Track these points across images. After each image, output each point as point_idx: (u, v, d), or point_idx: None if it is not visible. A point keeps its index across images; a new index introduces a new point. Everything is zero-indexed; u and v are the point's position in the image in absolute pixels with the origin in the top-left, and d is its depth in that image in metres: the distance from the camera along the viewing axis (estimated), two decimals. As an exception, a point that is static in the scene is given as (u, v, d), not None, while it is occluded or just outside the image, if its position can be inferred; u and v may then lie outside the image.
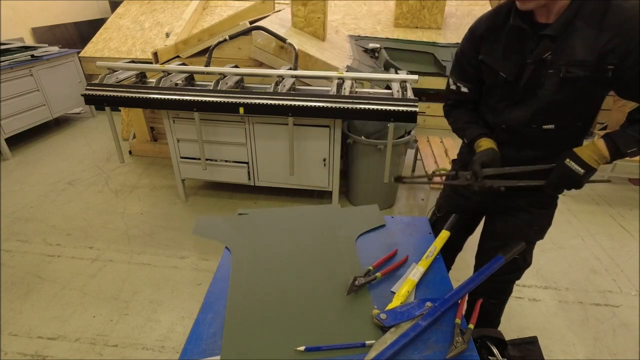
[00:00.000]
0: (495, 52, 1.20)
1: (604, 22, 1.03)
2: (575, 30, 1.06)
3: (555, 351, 1.93)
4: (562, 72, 1.08)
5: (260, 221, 1.43)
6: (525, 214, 1.37)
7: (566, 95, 1.12)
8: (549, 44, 1.09)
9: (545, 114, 1.18)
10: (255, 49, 3.13)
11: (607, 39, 1.03)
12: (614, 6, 1.04)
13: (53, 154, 4.00)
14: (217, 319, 1.02)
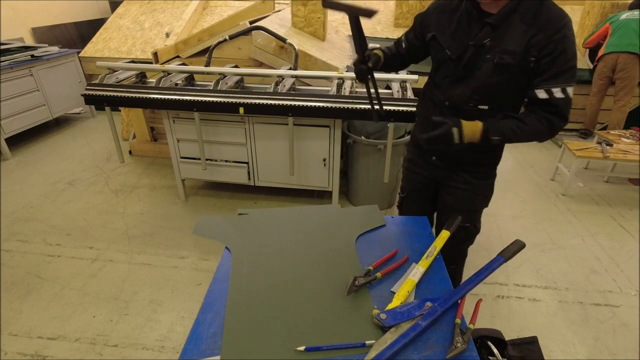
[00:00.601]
0: (446, 31, 1.35)
1: (534, 20, 1.20)
2: (512, 24, 1.22)
3: (555, 351, 1.93)
4: (496, 59, 1.24)
5: (260, 221, 1.43)
6: (469, 186, 1.54)
7: (498, 80, 1.28)
8: (490, 32, 1.25)
9: (481, 95, 1.33)
10: (255, 49, 3.13)
11: (532, 34, 1.19)
12: (544, 7, 1.21)
13: (53, 154, 4.00)
14: (217, 319, 1.02)
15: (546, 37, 1.18)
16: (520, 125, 1.27)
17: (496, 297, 2.25)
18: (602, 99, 4.20)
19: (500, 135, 1.27)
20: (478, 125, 1.27)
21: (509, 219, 3.01)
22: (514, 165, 3.92)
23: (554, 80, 1.21)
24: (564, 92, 1.21)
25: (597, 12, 4.37)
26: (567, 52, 1.19)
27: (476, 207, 1.61)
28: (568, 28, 1.18)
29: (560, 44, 1.18)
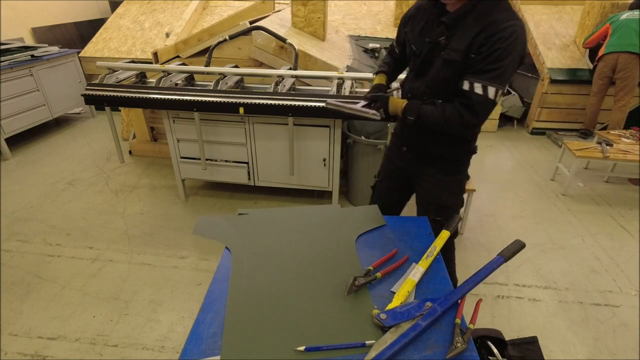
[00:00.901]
0: (416, 28, 1.44)
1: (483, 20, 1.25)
2: (467, 24, 1.27)
3: (555, 351, 1.93)
4: (445, 55, 1.32)
5: (260, 221, 1.43)
6: (436, 180, 1.60)
7: (445, 75, 1.35)
8: (445, 30, 1.32)
9: (431, 89, 1.42)
10: (255, 49, 3.13)
11: (476, 33, 1.25)
12: (497, 9, 1.25)
13: (53, 154, 4.00)
14: (217, 319, 1.02)
15: (485, 37, 1.23)
16: (436, 110, 1.37)
17: (496, 297, 2.25)
18: (602, 99, 4.20)
19: (415, 115, 1.40)
20: (402, 103, 1.43)
21: (509, 219, 3.01)
22: (514, 165, 3.92)
23: (478, 76, 1.26)
24: (484, 89, 1.26)
25: (597, 12, 4.37)
26: (500, 53, 1.22)
27: (444, 202, 1.64)
28: (511, 31, 1.21)
29: (495, 44, 1.22)
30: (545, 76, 4.45)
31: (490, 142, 4.47)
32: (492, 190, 3.42)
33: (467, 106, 1.30)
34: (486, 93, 1.25)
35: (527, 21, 5.03)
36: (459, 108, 1.32)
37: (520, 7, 5.24)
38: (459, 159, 1.61)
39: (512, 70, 1.26)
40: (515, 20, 1.23)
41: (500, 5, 1.26)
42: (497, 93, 1.26)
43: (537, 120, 4.65)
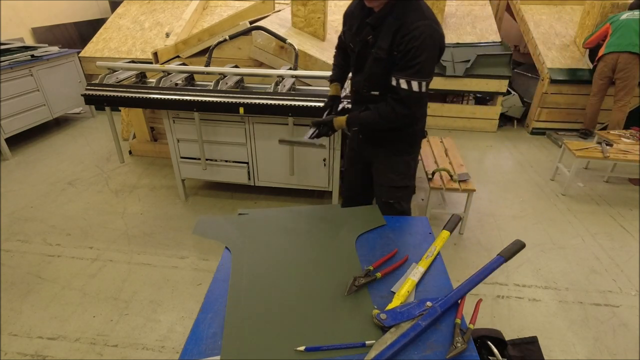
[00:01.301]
0: (352, 28, 1.55)
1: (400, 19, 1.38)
2: (387, 25, 1.41)
3: (555, 351, 1.93)
4: (374, 54, 1.46)
5: (260, 221, 1.43)
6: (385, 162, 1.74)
7: (377, 71, 1.49)
8: (370, 30, 1.46)
9: (369, 83, 1.56)
10: (255, 49, 3.13)
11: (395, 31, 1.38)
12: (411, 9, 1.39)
13: (53, 154, 4.00)
14: (217, 319, 1.02)
15: (401, 36, 1.38)
16: (373, 113, 1.54)
17: (496, 297, 2.25)
18: (602, 99, 4.20)
19: (358, 124, 1.60)
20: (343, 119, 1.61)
21: (509, 219, 3.01)
22: (514, 165, 3.92)
23: (402, 72, 1.42)
24: (408, 84, 1.41)
25: (597, 12, 4.37)
26: (415, 51, 1.37)
27: (394, 182, 1.76)
28: (421, 31, 1.35)
29: (410, 43, 1.36)
30: (545, 76, 4.45)
31: (490, 142, 4.47)
32: (492, 190, 3.42)
33: (397, 100, 1.46)
34: (410, 87, 1.41)
35: (527, 21, 5.04)
36: (391, 103, 1.48)
37: (521, 7, 5.25)
38: (403, 139, 1.71)
39: (431, 63, 1.43)
40: (424, 20, 1.37)
41: (411, 6, 1.40)
42: (420, 85, 1.41)
43: (537, 120, 4.65)
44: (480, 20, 5.18)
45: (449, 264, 2.44)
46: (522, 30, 5.23)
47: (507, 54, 4.45)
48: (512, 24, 6.17)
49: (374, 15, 1.43)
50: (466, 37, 4.88)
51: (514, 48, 6.38)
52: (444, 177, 2.75)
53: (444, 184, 2.65)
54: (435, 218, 2.95)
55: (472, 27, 5.07)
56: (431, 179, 2.72)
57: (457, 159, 3.05)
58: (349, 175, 2.01)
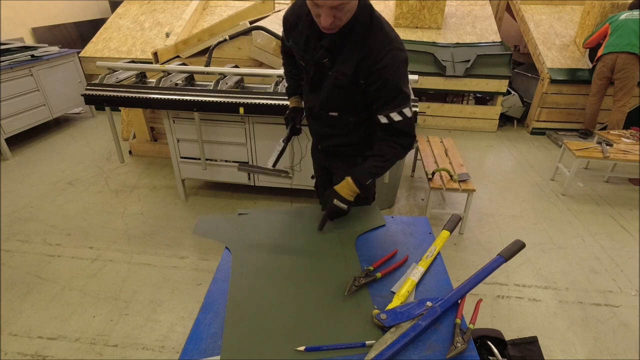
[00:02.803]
0: (300, 42, 1.37)
1: (362, 46, 1.23)
2: (347, 45, 1.25)
3: (555, 351, 1.93)
4: (333, 79, 1.31)
5: (260, 221, 1.43)
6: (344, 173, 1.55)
7: (338, 95, 1.36)
8: (326, 53, 1.28)
9: (327, 105, 1.42)
10: (255, 49, 3.13)
11: (359, 60, 1.24)
12: (371, 33, 1.23)
13: (53, 154, 4.00)
14: (217, 319, 1.02)
15: (368, 66, 1.23)
16: (379, 159, 1.37)
17: (496, 297, 2.25)
18: (601, 99, 4.20)
19: (369, 176, 1.38)
20: (349, 181, 1.37)
21: (509, 219, 3.01)
22: (514, 165, 3.92)
23: (388, 107, 1.28)
24: (401, 114, 1.29)
25: (597, 12, 4.38)
26: (391, 81, 1.23)
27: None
28: (390, 59, 1.21)
29: (382, 73, 1.22)
30: (545, 76, 4.45)
31: (490, 142, 4.47)
32: (492, 190, 3.42)
33: (397, 134, 1.34)
34: (404, 115, 1.30)
35: (527, 21, 5.04)
36: (394, 140, 1.35)
37: (521, 7, 5.25)
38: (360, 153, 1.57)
39: (408, 85, 1.31)
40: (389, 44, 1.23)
41: (372, 27, 1.24)
42: (410, 109, 1.30)
43: (537, 120, 4.65)
44: (480, 20, 5.18)
45: (449, 264, 2.45)
46: (522, 30, 5.23)
47: (507, 54, 4.45)
48: (512, 24, 6.17)
49: (332, 39, 1.25)
50: (466, 37, 4.88)
51: (514, 48, 6.39)
52: (444, 177, 2.75)
53: (444, 184, 2.65)
54: (435, 218, 2.95)
55: (472, 27, 5.07)
56: (431, 179, 2.72)
57: (457, 159, 3.05)
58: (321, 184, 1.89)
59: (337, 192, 1.37)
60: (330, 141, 1.55)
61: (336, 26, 1.19)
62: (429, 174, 2.77)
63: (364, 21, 1.23)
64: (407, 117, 1.30)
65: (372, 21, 1.24)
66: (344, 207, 1.37)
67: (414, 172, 3.67)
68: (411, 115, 1.31)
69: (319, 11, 1.14)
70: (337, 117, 1.44)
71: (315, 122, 1.57)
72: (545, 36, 4.87)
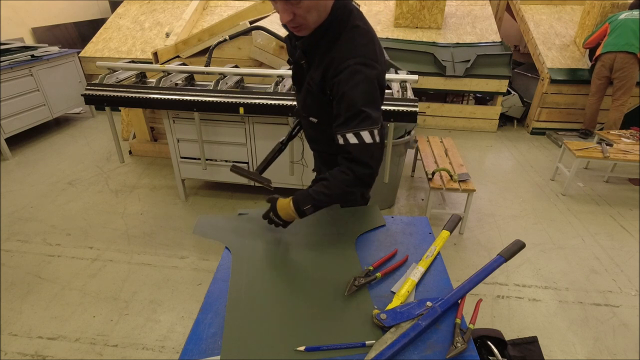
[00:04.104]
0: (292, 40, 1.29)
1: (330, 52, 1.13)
2: (320, 50, 1.17)
3: (555, 351, 1.93)
4: (306, 84, 1.24)
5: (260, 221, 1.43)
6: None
7: (311, 102, 1.28)
8: (302, 55, 1.21)
9: (307, 109, 1.34)
10: (255, 49, 3.13)
11: (324, 68, 1.15)
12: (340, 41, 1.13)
13: (53, 154, 4.00)
14: (217, 319, 1.02)
15: (331, 77, 1.13)
16: (326, 184, 1.19)
17: (496, 297, 2.25)
18: (601, 98, 4.20)
19: (310, 202, 1.19)
20: (287, 201, 1.24)
21: (509, 219, 3.01)
22: (514, 165, 3.92)
23: (345, 126, 1.12)
24: (357, 137, 1.11)
25: (597, 12, 4.38)
26: (349, 97, 1.10)
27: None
28: (350, 70, 1.09)
29: (340, 87, 1.11)
30: (545, 76, 4.46)
31: (490, 142, 4.47)
32: (492, 190, 3.42)
33: (352, 160, 1.14)
34: (362, 140, 1.11)
35: (527, 21, 5.04)
36: (347, 165, 1.15)
37: (521, 7, 5.25)
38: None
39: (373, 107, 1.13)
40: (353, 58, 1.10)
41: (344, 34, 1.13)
42: (372, 135, 1.12)
43: (537, 120, 4.65)
44: (480, 20, 5.18)
45: (449, 264, 2.45)
46: (522, 30, 5.23)
47: (507, 54, 4.45)
48: (512, 24, 6.17)
49: (304, 41, 1.17)
50: (466, 37, 4.88)
51: (514, 48, 6.38)
52: (444, 177, 2.75)
53: (444, 184, 2.65)
54: (435, 218, 2.95)
55: (472, 27, 5.07)
56: (431, 179, 2.72)
57: (457, 159, 3.05)
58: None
59: (276, 206, 1.25)
60: (317, 145, 1.51)
61: (300, 25, 1.10)
62: (429, 174, 2.77)
63: (337, 27, 1.13)
64: (364, 141, 1.11)
65: (344, 28, 1.13)
66: (280, 223, 1.26)
67: (414, 172, 3.67)
68: (371, 142, 1.11)
69: (276, 6, 1.06)
70: (317, 124, 1.35)
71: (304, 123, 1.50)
72: (545, 36, 4.87)
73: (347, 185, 1.17)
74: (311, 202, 1.20)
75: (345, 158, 1.16)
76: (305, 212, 1.21)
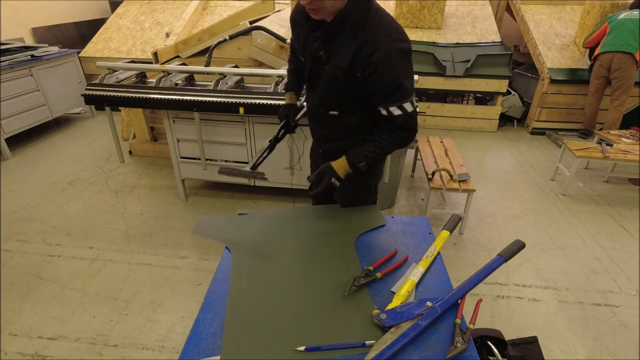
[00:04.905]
0: (300, 37, 1.36)
1: (359, 35, 1.18)
2: (341, 37, 1.21)
3: (555, 351, 1.93)
4: (330, 73, 1.27)
5: (260, 221, 1.43)
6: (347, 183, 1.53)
7: (335, 91, 1.32)
8: (322, 45, 1.25)
9: (326, 102, 1.38)
10: (255, 49, 3.13)
11: (356, 50, 1.19)
12: (369, 22, 1.18)
13: (53, 154, 4.00)
14: (217, 319, 1.02)
15: (366, 57, 1.18)
16: (377, 145, 1.34)
17: (496, 297, 2.25)
18: (600, 98, 4.20)
19: (364, 159, 1.35)
20: (344, 160, 1.36)
21: (509, 219, 3.01)
22: (514, 165, 3.92)
23: (387, 101, 1.24)
24: (400, 108, 1.24)
25: (597, 12, 4.38)
26: (388, 74, 1.19)
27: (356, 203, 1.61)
28: (384, 52, 1.15)
29: (378, 66, 1.17)
30: (545, 76, 4.46)
31: (490, 142, 4.47)
32: (492, 190, 3.42)
33: (397, 128, 1.31)
34: (404, 110, 1.25)
35: (527, 21, 5.04)
36: (394, 130, 1.32)
37: (521, 7, 5.25)
38: None
39: (410, 79, 1.24)
40: (386, 36, 1.17)
41: (368, 17, 1.18)
42: (412, 104, 1.26)
43: (537, 120, 4.65)
44: (480, 20, 5.18)
45: (449, 264, 2.45)
46: (522, 30, 5.23)
47: (507, 54, 4.45)
48: (512, 24, 6.17)
49: (325, 29, 1.22)
50: (466, 37, 4.88)
51: (514, 48, 6.38)
52: (444, 177, 2.75)
53: (444, 184, 2.65)
54: (435, 218, 2.95)
55: (472, 27, 5.07)
56: (431, 179, 2.72)
57: (457, 159, 3.05)
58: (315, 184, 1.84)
59: (333, 168, 1.37)
60: (330, 145, 1.51)
61: (318, 8, 1.14)
62: (429, 174, 2.77)
63: (360, 11, 1.17)
64: (406, 111, 1.25)
65: (369, 11, 1.19)
66: (337, 183, 1.38)
67: (414, 172, 3.67)
68: (412, 110, 1.26)
69: None
70: (337, 117, 1.40)
71: (315, 124, 1.53)
72: (545, 36, 4.87)
73: (394, 146, 1.36)
74: (364, 160, 1.35)
75: (390, 127, 1.32)
76: (360, 168, 1.36)
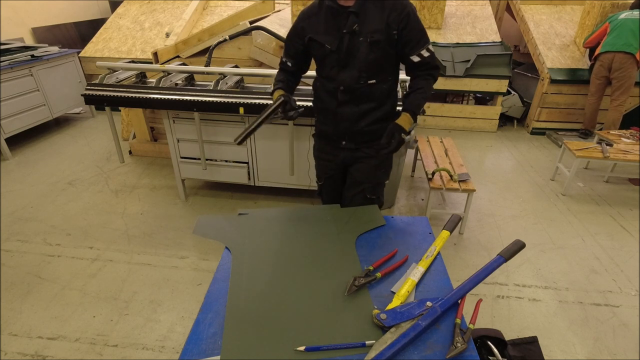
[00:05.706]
0: (319, 30, 1.57)
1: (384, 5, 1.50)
2: (369, 8, 1.50)
3: (555, 351, 1.93)
4: (368, 38, 1.50)
5: (260, 221, 1.43)
6: (372, 160, 1.75)
7: (375, 55, 1.54)
8: (355, 19, 1.50)
9: (366, 72, 1.57)
10: (255, 49, 3.13)
11: (387, 14, 1.49)
12: None
13: (53, 154, 4.00)
14: (217, 319, 1.02)
15: (397, 16, 1.49)
16: (421, 91, 1.60)
17: (496, 297, 2.25)
18: (600, 98, 4.20)
19: (418, 107, 1.61)
20: (407, 114, 1.58)
21: (509, 219, 3.01)
22: (514, 165, 3.92)
23: (418, 47, 1.55)
24: (428, 50, 1.56)
25: (597, 12, 4.38)
26: (416, 25, 1.52)
27: (379, 178, 1.82)
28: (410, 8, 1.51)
29: (409, 19, 1.50)
30: (545, 76, 4.46)
31: (490, 142, 4.47)
32: (492, 190, 3.42)
33: (430, 68, 1.60)
34: (430, 51, 1.57)
35: (527, 21, 5.04)
36: (428, 73, 1.60)
37: (521, 7, 5.25)
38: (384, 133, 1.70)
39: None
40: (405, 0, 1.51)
41: None
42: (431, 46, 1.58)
43: (537, 120, 4.65)
44: (480, 20, 5.18)
45: (449, 264, 2.45)
46: (522, 30, 5.23)
47: (507, 54, 4.45)
48: (512, 24, 6.17)
49: (355, 4, 1.49)
50: (466, 37, 4.88)
51: (514, 48, 6.38)
52: (444, 177, 2.75)
53: (444, 184, 2.65)
54: (435, 218, 2.95)
55: (472, 27, 5.07)
56: (431, 179, 2.72)
57: (457, 159, 3.05)
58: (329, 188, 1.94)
59: (399, 125, 1.54)
60: (366, 120, 1.66)
61: None
62: (429, 174, 2.77)
63: None
64: (432, 52, 1.57)
65: None
66: (407, 138, 1.59)
67: (414, 172, 3.67)
68: (433, 51, 1.58)
69: None
70: (374, 86, 1.60)
71: (345, 107, 1.65)
72: (545, 36, 4.87)
73: (431, 86, 1.62)
74: (420, 106, 1.62)
75: (423, 70, 1.59)
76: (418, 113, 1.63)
